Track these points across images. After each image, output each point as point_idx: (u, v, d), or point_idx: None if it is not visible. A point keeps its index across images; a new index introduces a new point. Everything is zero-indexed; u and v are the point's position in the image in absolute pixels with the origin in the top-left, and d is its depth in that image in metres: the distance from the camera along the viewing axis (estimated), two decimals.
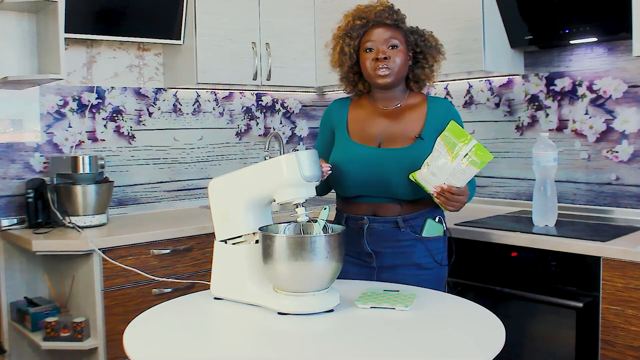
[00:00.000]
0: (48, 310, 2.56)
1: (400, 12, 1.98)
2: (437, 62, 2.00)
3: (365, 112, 2.01)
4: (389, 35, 1.91)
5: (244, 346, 1.43)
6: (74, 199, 2.61)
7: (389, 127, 1.95)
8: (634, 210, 2.53)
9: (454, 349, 1.34)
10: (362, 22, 1.93)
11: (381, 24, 1.92)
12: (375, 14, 1.93)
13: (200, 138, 3.36)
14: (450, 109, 1.99)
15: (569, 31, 2.48)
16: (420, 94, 2.03)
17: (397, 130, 1.93)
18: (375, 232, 1.93)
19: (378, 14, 1.92)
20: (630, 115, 2.54)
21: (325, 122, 2.10)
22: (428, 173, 1.77)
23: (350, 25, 1.95)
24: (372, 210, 1.94)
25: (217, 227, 1.74)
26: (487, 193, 3.03)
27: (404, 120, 1.95)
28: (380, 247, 1.93)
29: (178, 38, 3.00)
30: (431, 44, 1.98)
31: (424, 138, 1.88)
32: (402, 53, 1.92)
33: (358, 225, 1.94)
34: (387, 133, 1.94)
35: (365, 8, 1.96)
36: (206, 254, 2.64)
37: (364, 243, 1.93)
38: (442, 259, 1.97)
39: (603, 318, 2.03)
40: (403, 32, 1.95)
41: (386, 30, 1.92)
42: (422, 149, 1.86)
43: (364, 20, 1.93)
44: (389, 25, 1.92)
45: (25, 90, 2.77)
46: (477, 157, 1.70)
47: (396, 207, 1.91)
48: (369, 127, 1.97)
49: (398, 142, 1.91)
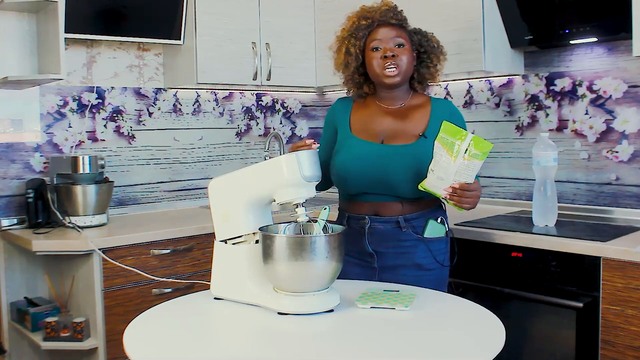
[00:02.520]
0: (48, 310, 2.56)
1: (403, 13, 1.99)
2: (440, 62, 2.02)
3: (369, 111, 2.02)
4: (395, 34, 1.93)
5: (244, 346, 1.43)
6: (74, 199, 2.62)
7: (392, 124, 1.95)
8: (634, 210, 2.53)
9: (454, 349, 1.34)
10: (367, 22, 1.94)
11: (386, 23, 1.94)
12: (380, 13, 1.94)
13: (200, 138, 3.36)
14: (453, 110, 2.00)
15: (569, 31, 2.47)
16: (424, 95, 2.04)
17: (400, 128, 1.94)
18: (377, 232, 1.93)
19: (383, 14, 1.94)
20: (630, 115, 2.54)
21: (329, 120, 2.11)
22: (435, 178, 1.76)
23: (356, 26, 1.96)
24: (373, 210, 1.94)
25: (217, 227, 1.74)
26: (487, 193, 3.03)
27: (408, 118, 1.96)
28: (381, 247, 1.93)
29: (178, 38, 3.00)
30: (434, 44, 2.00)
31: (427, 136, 1.89)
32: (408, 52, 1.94)
33: (359, 225, 1.94)
34: (390, 130, 1.94)
35: (369, 8, 1.97)
36: (206, 254, 2.64)
37: (366, 243, 1.93)
38: (444, 260, 1.96)
39: (603, 318, 2.03)
40: (407, 32, 1.97)
41: (392, 29, 1.93)
42: (426, 147, 1.86)
43: (369, 20, 1.94)
44: (394, 24, 1.94)
45: (25, 90, 2.77)
46: (477, 150, 1.69)
47: (397, 207, 1.91)
48: (372, 125, 1.97)
49: (401, 139, 1.91)
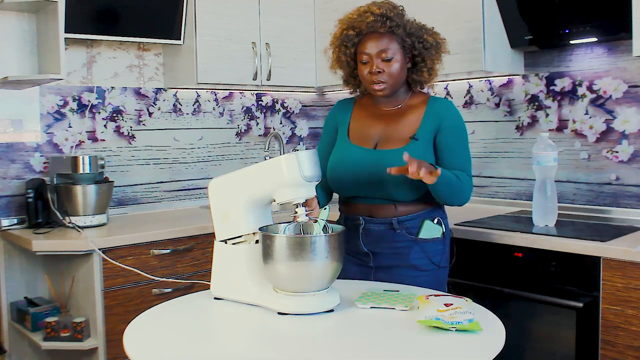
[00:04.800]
0: (48, 310, 2.56)
1: (396, 14, 1.90)
2: (437, 61, 1.96)
3: (367, 114, 2.01)
4: (383, 46, 1.87)
5: (244, 346, 1.43)
6: (74, 199, 2.61)
7: (386, 128, 1.95)
8: (634, 210, 2.53)
9: (454, 349, 1.34)
10: (355, 32, 1.90)
11: (374, 32, 1.88)
12: (367, 24, 1.88)
13: (200, 138, 3.36)
14: (449, 110, 1.95)
15: (569, 31, 2.47)
16: (423, 94, 2.01)
17: (394, 131, 1.94)
18: (371, 233, 1.93)
19: (370, 25, 1.87)
20: (630, 115, 2.54)
21: (330, 122, 2.10)
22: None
23: (345, 35, 1.92)
24: (367, 211, 1.94)
25: (217, 227, 1.74)
26: (487, 193, 3.03)
27: (402, 121, 1.95)
28: (376, 247, 1.93)
29: (178, 38, 3.00)
30: (430, 45, 1.93)
31: (417, 139, 1.88)
32: (398, 62, 1.88)
33: (354, 225, 1.94)
34: (384, 134, 1.94)
35: (357, 17, 1.90)
36: (206, 254, 2.64)
37: (360, 243, 1.93)
38: (441, 261, 1.95)
39: (603, 318, 2.03)
40: (399, 38, 1.89)
41: (380, 39, 1.87)
42: (416, 149, 1.86)
43: (357, 29, 1.89)
44: (383, 33, 1.87)
45: (25, 90, 2.77)
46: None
47: (391, 208, 1.91)
48: (367, 129, 1.97)
49: (393, 143, 1.91)
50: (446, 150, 1.90)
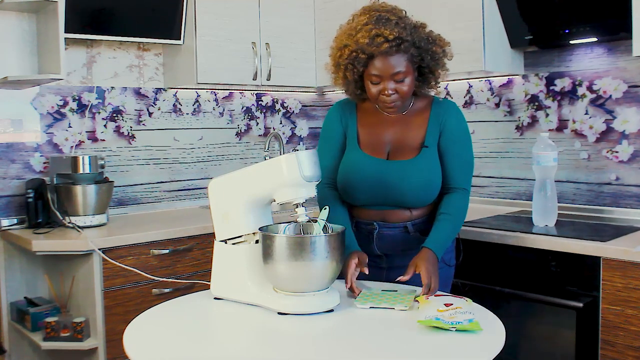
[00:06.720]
0: (48, 310, 2.56)
1: (407, 32, 1.80)
2: (443, 70, 1.91)
3: (374, 120, 1.96)
4: (396, 69, 1.78)
5: (244, 346, 1.43)
6: (74, 199, 2.61)
7: (395, 135, 1.92)
8: (634, 210, 2.53)
9: (454, 349, 1.34)
10: (366, 55, 1.79)
11: (385, 53, 1.78)
12: (380, 52, 1.77)
13: (200, 138, 3.36)
14: (451, 112, 1.92)
15: (569, 31, 2.47)
16: (426, 96, 1.97)
17: (403, 138, 1.91)
18: (385, 237, 1.93)
19: (384, 51, 1.77)
20: (630, 115, 2.54)
21: (335, 125, 2.00)
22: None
23: (354, 56, 1.81)
24: (381, 217, 1.93)
25: (217, 227, 1.74)
26: (487, 193, 3.03)
27: (409, 126, 1.91)
28: (390, 250, 1.93)
29: (178, 38, 3.00)
30: (438, 56, 1.86)
31: (428, 146, 1.87)
32: (409, 79, 1.82)
33: (368, 230, 1.94)
34: (394, 142, 1.91)
35: (369, 42, 1.77)
36: (206, 254, 2.64)
37: (374, 247, 1.93)
38: (450, 259, 1.97)
39: (603, 318, 2.03)
40: (409, 55, 1.80)
41: (391, 59, 1.78)
42: (429, 156, 1.86)
43: (367, 53, 1.79)
44: (394, 52, 1.78)
45: (25, 90, 2.77)
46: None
47: (405, 213, 1.91)
48: (377, 136, 1.94)
49: (405, 153, 1.89)
50: (447, 155, 1.89)
